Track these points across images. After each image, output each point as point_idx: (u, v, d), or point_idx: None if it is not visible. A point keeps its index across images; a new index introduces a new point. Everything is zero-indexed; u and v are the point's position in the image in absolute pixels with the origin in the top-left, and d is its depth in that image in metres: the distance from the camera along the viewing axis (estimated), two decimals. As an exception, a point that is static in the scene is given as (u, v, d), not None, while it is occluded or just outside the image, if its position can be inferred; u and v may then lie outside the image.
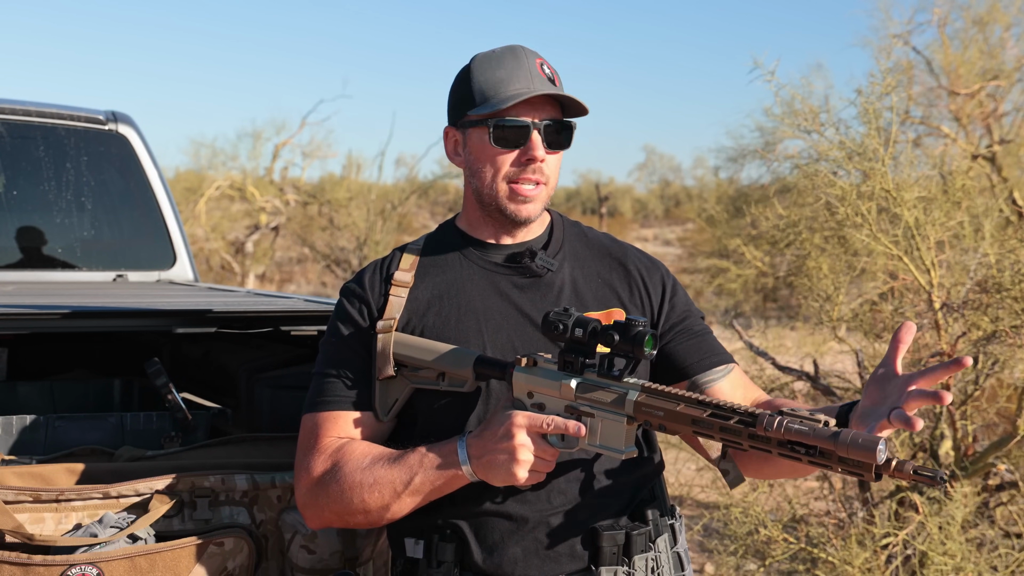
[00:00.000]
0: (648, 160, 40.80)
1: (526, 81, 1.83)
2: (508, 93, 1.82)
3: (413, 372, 1.84)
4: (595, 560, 1.80)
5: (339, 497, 1.79)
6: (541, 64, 1.86)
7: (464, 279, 1.90)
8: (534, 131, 1.83)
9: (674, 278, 1.99)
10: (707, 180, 24.34)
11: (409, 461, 1.75)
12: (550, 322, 1.72)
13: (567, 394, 1.73)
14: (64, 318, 2.39)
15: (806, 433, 1.51)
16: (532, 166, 1.84)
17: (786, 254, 6.61)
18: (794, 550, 4.14)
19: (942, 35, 9.67)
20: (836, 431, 1.49)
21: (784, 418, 1.53)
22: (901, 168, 4.37)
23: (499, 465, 1.68)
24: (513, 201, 1.86)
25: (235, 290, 3.67)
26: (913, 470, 1.47)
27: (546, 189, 1.88)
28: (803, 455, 1.52)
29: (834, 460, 1.50)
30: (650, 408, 1.66)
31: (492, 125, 1.84)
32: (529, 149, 1.84)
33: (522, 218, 1.87)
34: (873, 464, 1.47)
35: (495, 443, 1.68)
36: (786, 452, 1.53)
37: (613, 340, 1.67)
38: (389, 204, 17.60)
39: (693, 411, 1.62)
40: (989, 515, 4.45)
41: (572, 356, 1.72)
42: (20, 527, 1.94)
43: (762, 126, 9.63)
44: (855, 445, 1.47)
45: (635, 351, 1.66)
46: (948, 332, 4.15)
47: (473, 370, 1.80)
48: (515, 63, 1.85)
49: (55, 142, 3.88)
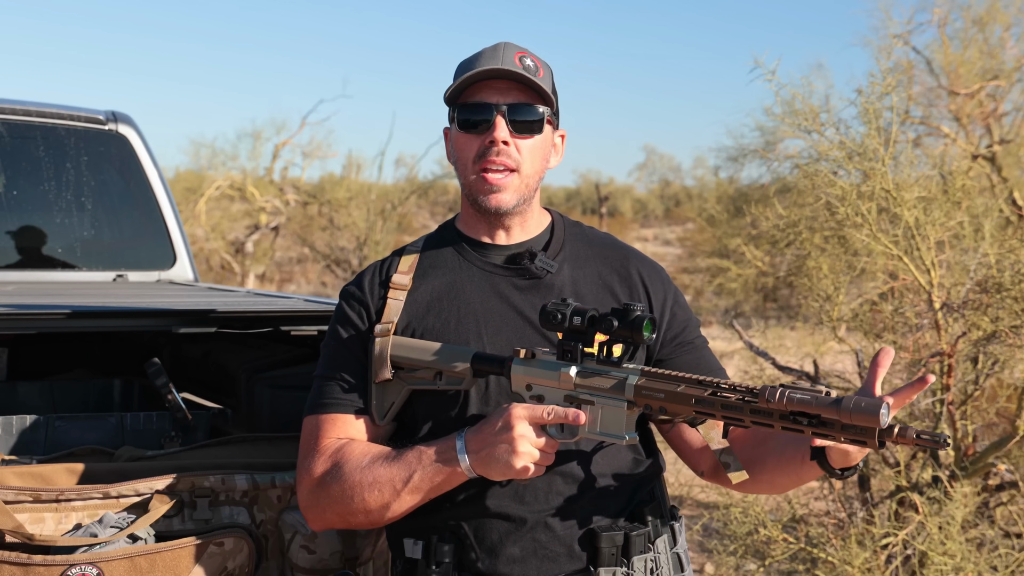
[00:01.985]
0: (648, 160, 40.74)
1: (494, 63, 1.81)
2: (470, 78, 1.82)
3: (410, 373, 1.84)
4: (594, 561, 1.80)
5: (340, 497, 1.79)
6: (521, 57, 1.83)
7: (463, 281, 1.89)
8: (497, 114, 1.81)
9: (675, 286, 1.98)
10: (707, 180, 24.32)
11: (408, 459, 1.75)
12: (548, 312, 1.71)
13: (566, 383, 1.72)
14: (64, 318, 2.39)
15: (808, 402, 1.51)
16: (495, 149, 1.81)
17: (786, 254, 6.62)
18: (794, 550, 4.15)
19: (942, 35, 9.67)
20: (838, 398, 1.50)
21: (786, 389, 1.53)
22: (901, 168, 4.37)
23: (498, 458, 1.67)
24: (482, 191, 1.84)
25: (235, 290, 3.67)
26: (916, 434, 1.47)
27: (519, 177, 1.84)
28: (805, 426, 1.53)
29: (837, 428, 1.51)
30: (650, 391, 1.66)
31: (456, 112, 1.84)
32: (492, 130, 1.81)
33: (492, 207, 1.84)
34: (876, 428, 1.47)
35: (494, 436, 1.68)
36: (788, 425, 1.54)
37: (612, 326, 1.67)
38: (389, 204, 17.59)
39: (694, 391, 1.63)
40: (989, 515, 4.45)
41: (571, 344, 1.72)
42: (20, 527, 1.94)
43: (762, 126, 9.63)
44: (858, 410, 1.47)
45: (634, 336, 1.66)
46: (948, 332, 4.15)
47: (471, 366, 1.79)
48: (491, 53, 1.83)
49: (55, 142, 3.88)
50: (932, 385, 4.35)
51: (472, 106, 1.82)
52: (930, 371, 4.22)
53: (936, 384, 4.27)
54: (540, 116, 1.84)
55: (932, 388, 4.32)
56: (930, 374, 1.60)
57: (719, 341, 8.53)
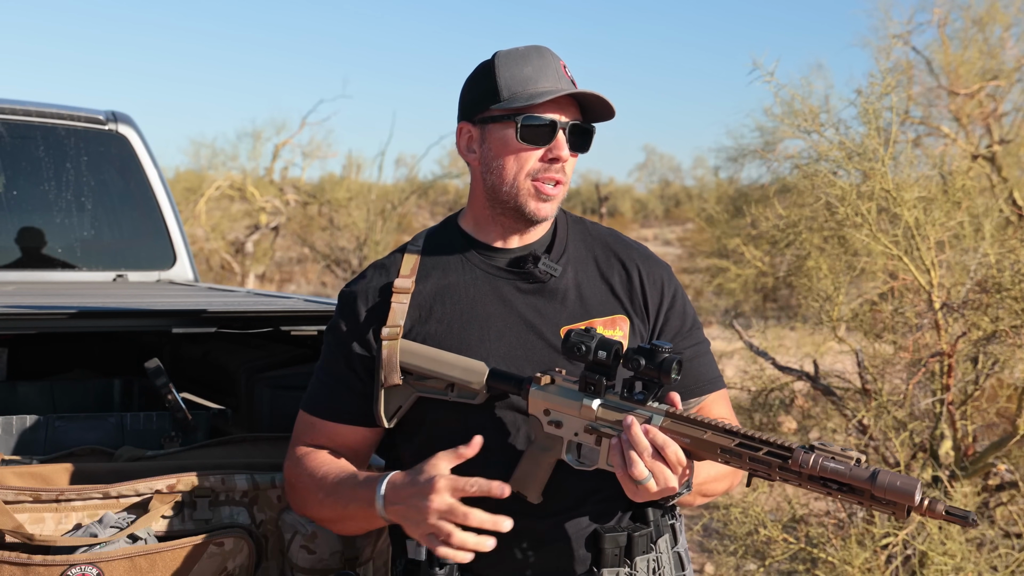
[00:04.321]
0: (648, 160, 40.78)
1: (554, 80, 1.82)
2: (538, 90, 1.81)
3: (420, 381, 1.83)
4: (597, 562, 1.80)
5: (302, 503, 1.90)
6: (564, 67, 1.86)
7: (466, 284, 1.88)
8: (560, 130, 1.82)
9: (676, 283, 1.96)
10: (707, 180, 24.35)
11: (343, 490, 1.80)
12: (572, 344, 1.70)
13: (587, 415, 1.72)
14: (64, 318, 2.39)
15: (842, 472, 1.53)
16: (556, 165, 1.83)
17: (786, 254, 6.62)
18: (794, 550, 4.15)
19: (942, 35, 9.67)
20: (874, 470, 1.51)
21: (819, 456, 1.54)
22: (901, 168, 4.37)
23: (409, 520, 1.68)
24: (536, 199, 1.84)
25: (235, 290, 3.66)
26: (945, 510, 1.49)
27: (563, 190, 1.87)
28: (835, 490, 1.55)
29: (866, 497, 1.52)
30: (676, 435, 1.65)
31: (520, 122, 1.81)
32: (555, 148, 1.82)
33: (540, 217, 1.85)
34: (908, 505, 1.50)
35: (410, 498, 1.68)
36: (816, 487, 1.56)
37: (639, 365, 1.67)
38: (389, 204, 17.60)
39: (721, 440, 1.62)
40: (989, 515, 4.45)
41: (595, 378, 1.72)
42: (20, 527, 1.94)
43: (762, 126, 9.61)
44: (893, 488, 1.50)
45: (661, 377, 1.66)
46: (948, 332, 4.15)
47: (487, 384, 1.79)
48: (542, 62, 1.84)
49: (55, 142, 3.88)
50: (932, 385, 4.35)
51: (540, 119, 1.82)
52: (930, 371, 4.22)
53: (936, 384, 4.27)
54: (592, 134, 1.87)
55: (932, 388, 4.32)
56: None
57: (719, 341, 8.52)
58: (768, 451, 1.58)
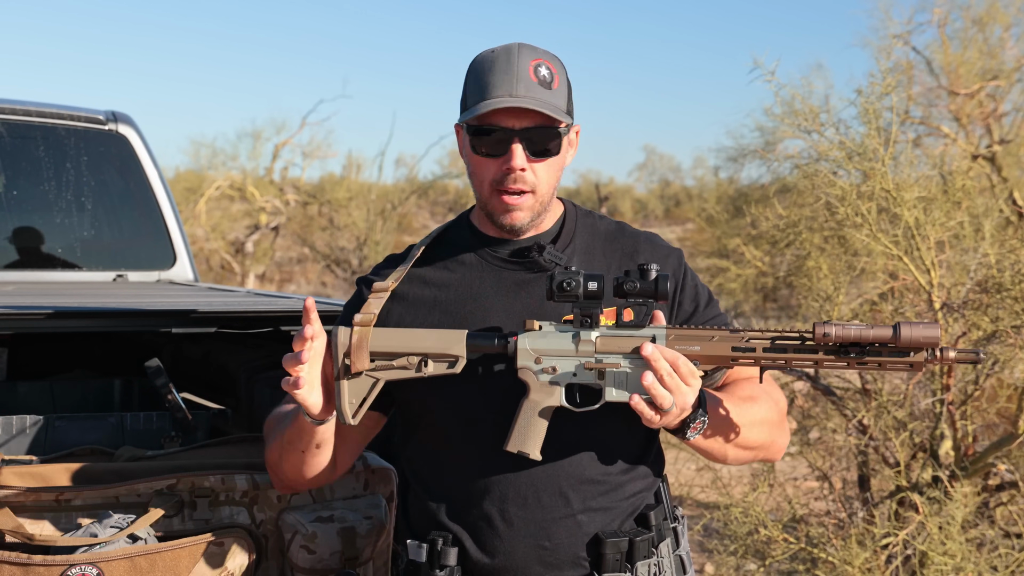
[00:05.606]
0: (648, 160, 40.69)
1: (509, 86, 1.75)
2: (487, 99, 1.75)
3: (386, 363, 1.76)
4: (598, 567, 1.80)
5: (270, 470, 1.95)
6: (536, 66, 1.78)
7: (471, 274, 1.88)
8: (515, 140, 1.77)
9: (686, 267, 1.92)
10: (707, 180, 24.32)
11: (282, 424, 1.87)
12: (559, 282, 1.68)
13: (587, 349, 1.70)
14: (64, 318, 2.39)
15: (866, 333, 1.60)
16: (512, 176, 1.78)
17: (786, 254, 6.61)
18: (794, 550, 4.15)
19: (942, 35, 9.67)
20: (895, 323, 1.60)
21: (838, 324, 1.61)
22: (901, 168, 4.37)
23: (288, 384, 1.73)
24: (498, 210, 1.81)
25: (235, 290, 3.67)
26: (954, 357, 1.61)
27: (534, 197, 1.80)
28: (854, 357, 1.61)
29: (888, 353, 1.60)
30: (684, 347, 1.66)
31: (471, 135, 1.79)
32: (508, 158, 1.77)
33: (507, 226, 1.82)
34: (931, 349, 1.60)
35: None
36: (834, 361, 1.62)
37: (635, 287, 1.67)
38: (389, 204, 17.60)
39: (731, 339, 1.65)
40: (989, 515, 4.45)
41: (590, 311, 1.70)
42: (20, 527, 1.94)
43: (762, 126, 9.60)
44: (917, 335, 1.58)
45: (657, 294, 1.67)
46: (948, 332, 4.15)
47: (467, 347, 1.75)
48: (505, 66, 1.76)
49: (55, 142, 3.88)
50: (932, 385, 4.35)
51: (488, 131, 1.77)
52: (930, 371, 4.22)
53: (936, 384, 4.27)
54: (557, 137, 1.80)
55: (932, 388, 4.32)
56: None
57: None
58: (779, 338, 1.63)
